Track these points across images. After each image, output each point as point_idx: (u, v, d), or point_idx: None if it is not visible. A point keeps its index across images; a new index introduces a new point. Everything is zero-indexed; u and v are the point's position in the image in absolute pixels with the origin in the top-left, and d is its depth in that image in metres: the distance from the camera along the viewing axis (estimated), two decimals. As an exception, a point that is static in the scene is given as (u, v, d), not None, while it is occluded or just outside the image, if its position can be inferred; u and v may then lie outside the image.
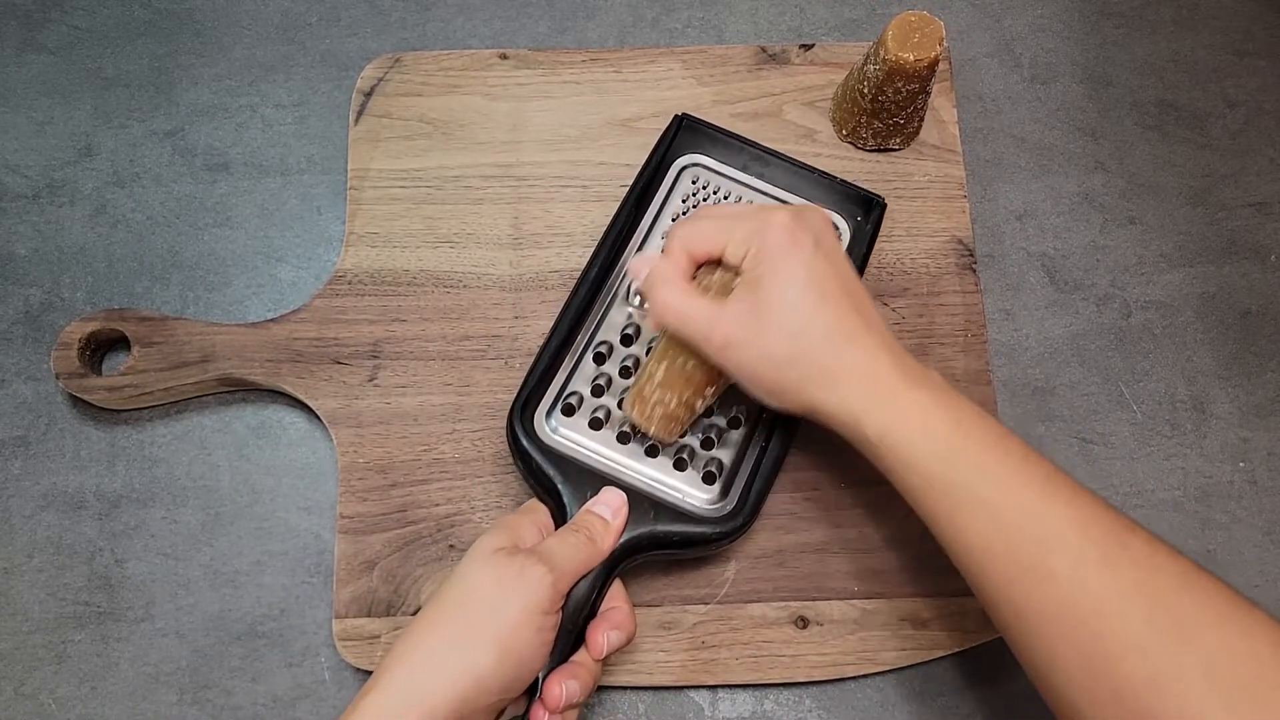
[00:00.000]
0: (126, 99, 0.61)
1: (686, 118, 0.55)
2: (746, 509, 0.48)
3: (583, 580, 0.44)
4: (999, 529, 0.39)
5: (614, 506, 0.46)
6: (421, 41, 0.62)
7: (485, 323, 0.55)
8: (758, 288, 0.42)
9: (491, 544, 0.42)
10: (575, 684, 0.42)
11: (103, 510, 0.53)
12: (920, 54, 0.51)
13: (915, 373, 0.42)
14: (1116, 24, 0.64)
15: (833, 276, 0.43)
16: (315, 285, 0.57)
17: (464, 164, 0.58)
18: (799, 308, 0.42)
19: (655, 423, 0.46)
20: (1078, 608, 0.36)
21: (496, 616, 0.40)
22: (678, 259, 0.44)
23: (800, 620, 0.51)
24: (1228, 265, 0.60)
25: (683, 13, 0.64)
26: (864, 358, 0.42)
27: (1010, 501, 0.39)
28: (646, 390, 0.46)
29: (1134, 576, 0.36)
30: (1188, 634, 0.35)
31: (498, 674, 0.39)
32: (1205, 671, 0.34)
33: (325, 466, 0.54)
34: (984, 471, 0.39)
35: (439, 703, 0.38)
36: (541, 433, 0.49)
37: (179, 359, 0.53)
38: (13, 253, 0.58)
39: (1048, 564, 0.37)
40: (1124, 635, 0.35)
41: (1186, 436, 0.56)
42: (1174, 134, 0.62)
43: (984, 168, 0.61)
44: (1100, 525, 0.38)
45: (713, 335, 0.43)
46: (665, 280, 0.44)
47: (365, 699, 0.38)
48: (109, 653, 0.51)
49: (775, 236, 0.42)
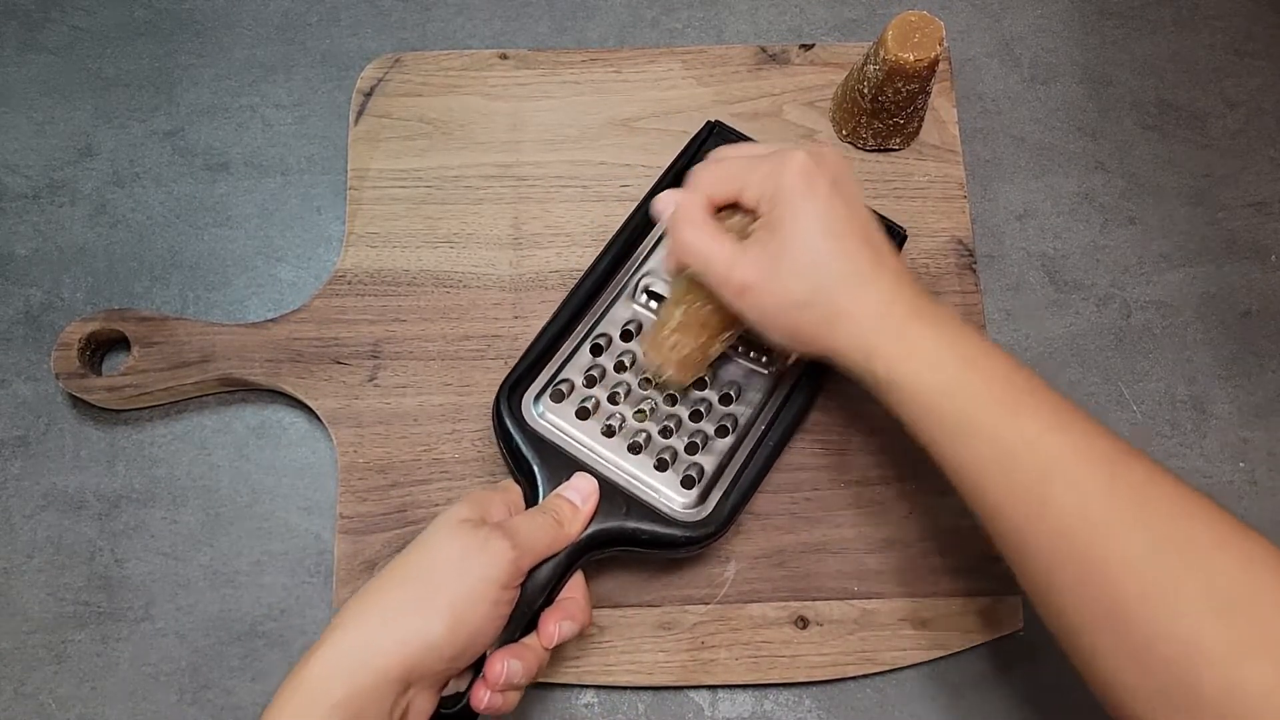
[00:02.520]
0: (126, 99, 0.61)
1: (718, 125, 0.55)
2: (720, 519, 0.48)
3: (545, 564, 0.44)
4: (998, 457, 0.39)
5: (584, 492, 0.46)
6: (421, 41, 0.62)
7: (485, 323, 0.55)
8: (775, 231, 0.42)
9: (459, 514, 0.43)
10: (519, 664, 0.42)
11: (103, 510, 0.53)
12: (920, 54, 0.51)
13: (927, 311, 0.42)
14: (1116, 24, 0.64)
15: (849, 218, 0.43)
16: (315, 285, 0.57)
17: (464, 164, 0.58)
18: (815, 251, 0.42)
19: (673, 365, 0.47)
20: (1077, 533, 0.37)
21: (455, 584, 0.40)
22: (699, 200, 0.45)
23: (800, 620, 0.51)
24: (1228, 265, 0.60)
25: (683, 13, 0.64)
26: (877, 298, 0.42)
27: (1011, 431, 0.39)
28: (665, 334, 0.47)
29: (1133, 501, 0.36)
30: (1186, 556, 0.35)
31: (449, 641, 0.39)
32: (1202, 589, 0.34)
33: (325, 466, 0.54)
34: (987, 403, 0.40)
35: (390, 663, 0.38)
36: (527, 414, 0.49)
37: (179, 359, 0.53)
38: (13, 253, 0.58)
39: (1047, 491, 0.37)
40: (1122, 557, 0.36)
41: (1186, 436, 0.56)
42: (1174, 134, 0.62)
43: (984, 168, 0.61)
44: (1101, 452, 0.38)
45: (731, 278, 0.43)
46: (689, 220, 0.44)
47: (316, 653, 0.38)
48: (109, 653, 0.51)
49: (791, 179, 0.42)
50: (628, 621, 0.51)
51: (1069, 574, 0.37)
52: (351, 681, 0.37)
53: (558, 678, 0.50)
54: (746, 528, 0.52)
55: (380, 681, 0.38)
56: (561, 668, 0.50)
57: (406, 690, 0.39)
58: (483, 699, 0.42)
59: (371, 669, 0.38)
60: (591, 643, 0.51)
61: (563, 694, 0.51)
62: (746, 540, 0.52)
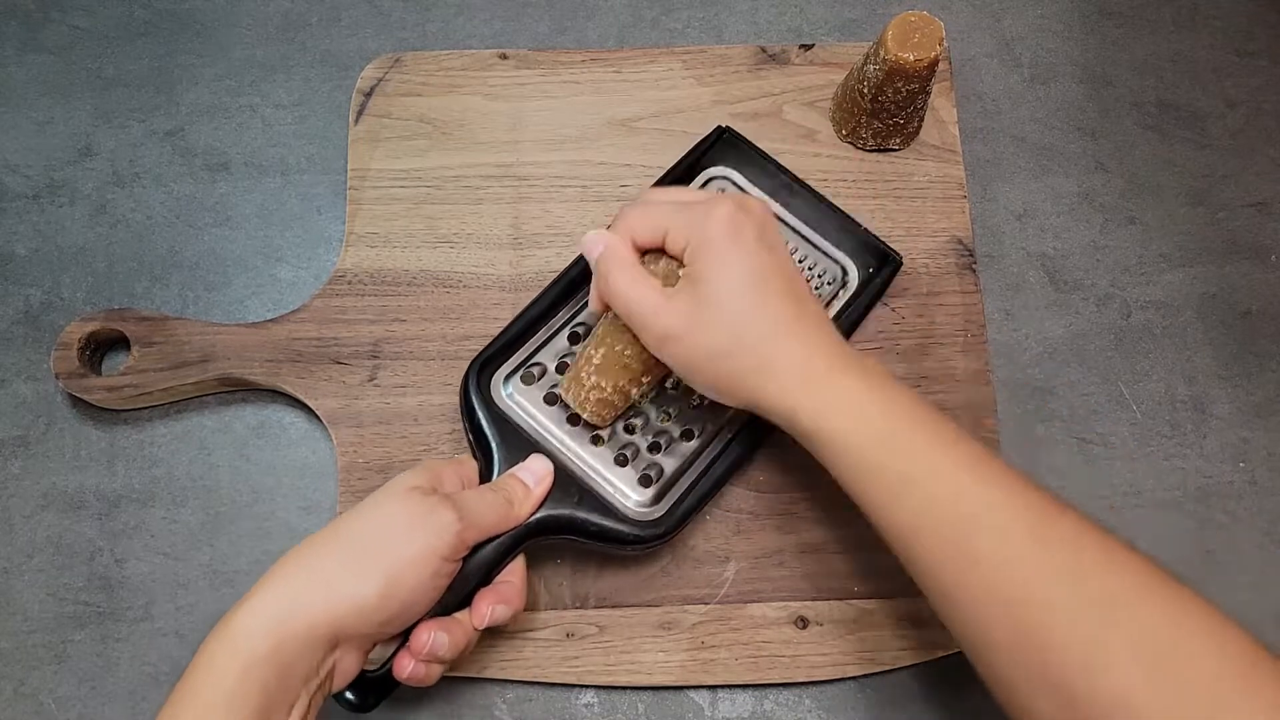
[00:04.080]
0: (126, 99, 0.61)
1: (728, 131, 0.55)
2: (670, 523, 0.47)
3: (489, 543, 0.44)
4: (928, 509, 0.39)
5: (538, 475, 0.46)
6: (421, 41, 0.62)
7: (485, 323, 0.55)
8: (697, 281, 0.42)
9: (410, 480, 0.43)
10: (445, 637, 0.42)
11: (103, 510, 0.53)
12: (920, 54, 0.51)
13: (850, 362, 0.42)
14: (1116, 24, 0.64)
15: (774, 270, 0.42)
16: (315, 285, 0.57)
17: (464, 164, 0.58)
18: (738, 303, 0.42)
19: (590, 407, 0.47)
20: (1005, 589, 0.37)
21: (394, 549, 0.40)
22: (626, 242, 0.44)
23: (800, 620, 0.51)
24: (1228, 265, 0.59)
25: (683, 13, 0.64)
26: (800, 350, 0.42)
27: (939, 482, 0.39)
28: (584, 374, 0.46)
29: (1060, 556, 0.36)
30: (1112, 612, 0.35)
31: (380, 606, 0.39)
32: (1129, 648, 0.34)
33: (325, 466, 0.54)
34: (914, 454, 0.40)
35: (317, 620, 0.38)
36: (496, 393, 0.49)
37: (179, 359, 0.53)
38: (13, 253, 0.58)
39: (975, 545, 0.37)
40: (1050, 615, 0.36)
41: (1186, 436, 0.56)
42: (1174, 134, 0.62)
43: (984, 168, 0.61)
44: (1028, 506, 0.38)
45: (653, 326, 0.42)
46: (616, 262, 0.43)
47: (244, 605, 0.38)
48: (109, 653, 0.51)
49: (716, 229, 0.42)
50: (628, 621, 0.51)
51: (998, 628, 0.37)
52: (280, 633, 0.37)
53: (558, 678, 0.50)
54: (746, 528, 0.52)
55: (307, 638, 0.38)
56: (562, 668, 0.50)
57: (334, 649, 0.39)
58: (405, 667, 0.42)
59: (300, 623, 0.38)
60: (591, 643, 0.51)
61: (563, 694, 0.51)
62: (746, 540, 0.52)
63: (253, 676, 0.37)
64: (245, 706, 0.36)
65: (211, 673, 0.37)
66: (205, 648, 0.38)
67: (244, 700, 0.36)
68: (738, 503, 0.53)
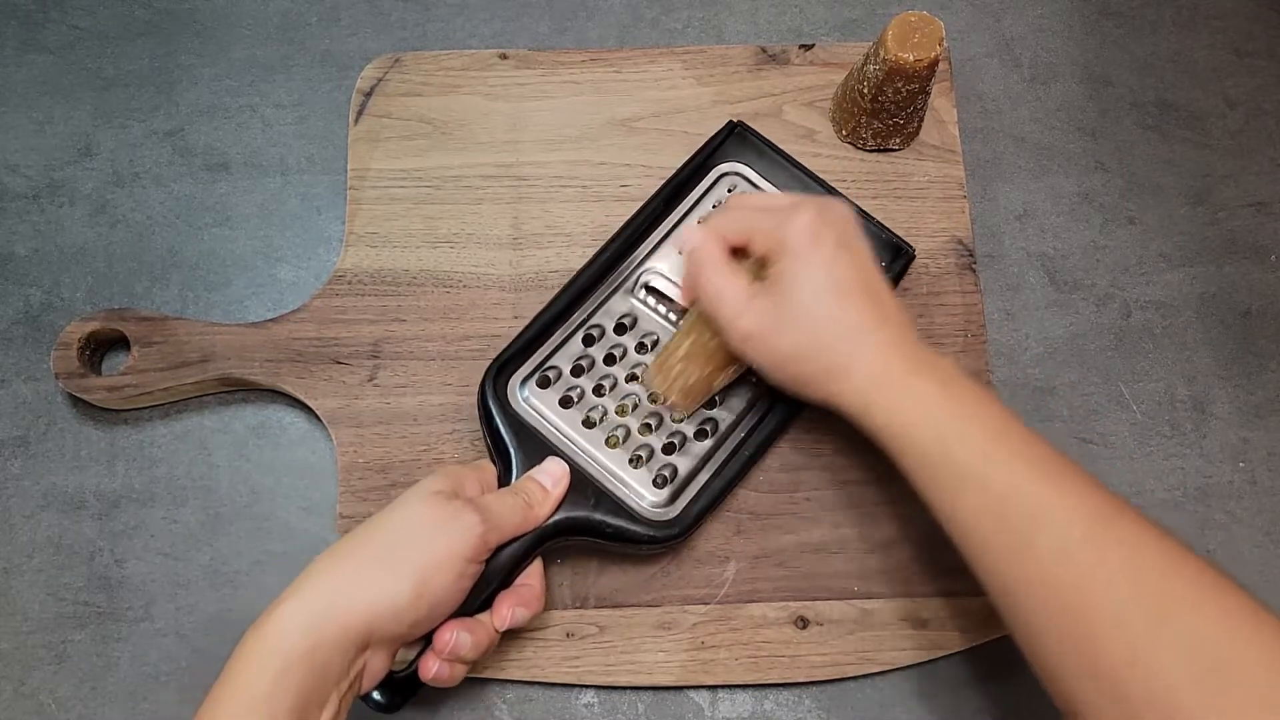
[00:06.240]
0: (126, 99, 0.61)
1: (740, 125, 0.55)
2: (685, 522, 0.48)
3: (509, 545, 0.45)
4: (988, 506, 0.40)
5: (555, 476, 0.47)
6: (421, 41, 0.62)
7: (485, 323, 0.55)
8: (778, 284, 0.44)
9: (433, 485, 0.44)
10: (468, 638, 0.43)
11: (102, 510, 0.53)
12: (920, 54, 0.51)
13: (924, 363, 0.43)
14: (1116, 24, 0.64)
15: (853, 274, 0.44)
16: (315, 285, 0.57)
17: (464, 164, 0.58)
18: (817, 309, 0.43)
19: (676, 393, 0.48)
20: (1060, 584, 0.37)
21: (423, 551, 0.41)
22: (719, 240, 0.46)
23: (800, 620, 0.51)
24: (1228, 265, 0.59)
25: (683, 13, 0.64)
26: (876, 352, 0.43)
27: (1000, 480, 0.40)
28: (671, 361, 0.48)
29: (1118, 556, 0.37)
30: (1166, 614, 0.35)
31: (413, 605, 0.40)
32: (1180, 651, 0.34)
33: (325, 466, 0.54)
34: (978, 452, 0.41)
35: (354, 620, 0.39)
36: (512, 397, 0.50)
37: (179, 359, 0.53)
38: (13, 253, 0.58)
39: (1033, 541, 0.38)
40: (1103, 613, 0.36)
41: (1186, 436, 0.56)
42: (1174, 134, 0.62)
43: (984, 168, 0.61)
44: (1088, 505, 0.39)
45: (737, 325, 0.44)
46: (707, 258, 0.46)
47: (282, 605, 0.39)
48: (109, 653, 0.51)
49: (796, 235, 0.44)
50: (628, 621, 0.51)
51: (1053, 627, 0.37)
52: (316, 634, 0.38)
53: (558, 678, 0.50)
54: (746, 528, 0.52)
55: (341, 639, 0.38)
56: (562, 668, 0.50)
57: (365, 649, 0.40)
58: (431, 668, 0.43)
59: (336, 624, 0.38)
60: (591, 643, 0.51)
61: (563, 694, 0.51)
62: (746, 540, 0.52)
63: (289, 677, 0.37)
64: (281, 707, 0.37)
65: (248, 674, 0.37)
66: (241, 648, 0.38)
67: (280, 701, 0.37)
68: (738, 503, 0.53)
